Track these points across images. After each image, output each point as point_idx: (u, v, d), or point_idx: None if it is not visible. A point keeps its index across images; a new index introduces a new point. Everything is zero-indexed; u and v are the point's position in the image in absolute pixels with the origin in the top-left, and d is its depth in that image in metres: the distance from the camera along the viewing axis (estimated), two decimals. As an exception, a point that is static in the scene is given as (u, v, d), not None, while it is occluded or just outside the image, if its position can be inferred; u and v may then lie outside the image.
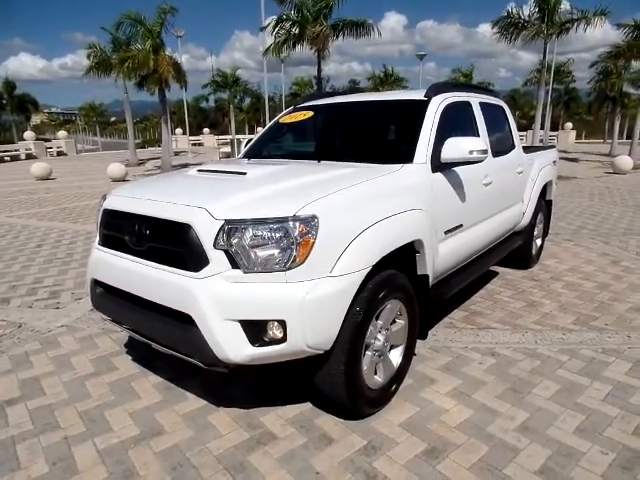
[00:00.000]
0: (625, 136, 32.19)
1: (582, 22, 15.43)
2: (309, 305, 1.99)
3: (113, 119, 66.00)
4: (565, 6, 15.91)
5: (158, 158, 19.38)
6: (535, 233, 4.97)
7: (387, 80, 36.75)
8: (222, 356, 2.05)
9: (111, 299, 2.59)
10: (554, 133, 30.65)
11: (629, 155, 15.59)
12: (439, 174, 2.94)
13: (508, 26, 16.23)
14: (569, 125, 33.37)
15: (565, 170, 13.83)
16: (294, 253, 2.01)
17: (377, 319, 2.39)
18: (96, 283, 2.68)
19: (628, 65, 19.94)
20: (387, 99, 3.69)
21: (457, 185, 3.09)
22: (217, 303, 2.02)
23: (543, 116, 18.92)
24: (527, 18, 16.18)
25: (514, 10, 16.20)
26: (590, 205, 8.81)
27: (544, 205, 5.18)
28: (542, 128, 19.17)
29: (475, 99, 3.73)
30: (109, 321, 2.76)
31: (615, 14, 15.73)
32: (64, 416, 2.54)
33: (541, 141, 19.11)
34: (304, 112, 3.79)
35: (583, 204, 8.93)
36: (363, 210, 2.28)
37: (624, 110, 27.57)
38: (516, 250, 4.51)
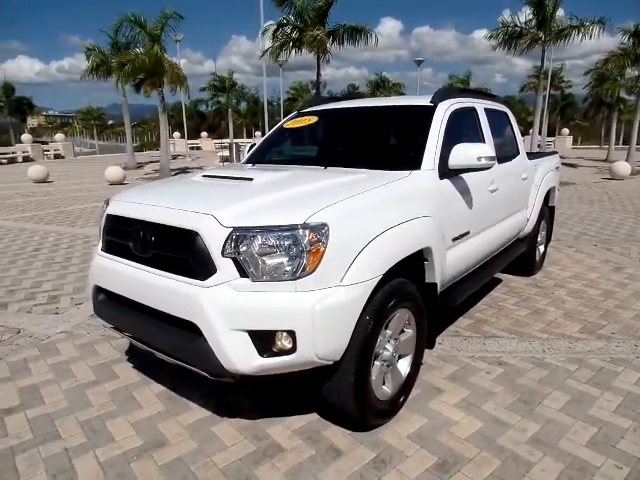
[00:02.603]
0: (621, 142, 32.41)
1: (580, 30, 15.51)
2: (319, 315, 1.94)
3: (111, 122, 65.90)
4: (560, 12, 16.02)
5: (156, 162, 19.30)
6: (539, 239, 4.95)
7: (384, 85, 37.00)
8: (229, 367, 2.00)
9: (114, 306, 2.54)
10: (551, 139, 30.80)
11: (626, 160, 15.66)
12: (446, 181, 2.90)
13: (505, 35, 16.32)
14: (566, 131, 33.57)
15: (564, 176, 13.79)
16: (304, 262, 1.96)
17: (386, 328, 2.34)
18: (98, 290, 2.63)
19: (623, 71, 20.07)
20: (392, 104, 3.66)
21: (464, 192, 3.05)
22: (224, 312, 1.97)
23: (540, 122, 18.99)
24: (524, 25, 16.26)
25: (510, 18, 16.30)
26: (590, 211, 8.81)
27: (547, 211, 5.16)
28: (539, 134, 19.24)
29: (480, 105, 3.71)
30: (110, 328, 2.71)
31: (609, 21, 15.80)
32: (64, 426, 2.48)
33: (539, 147, 19.18)
34: (308, 117, 3.75)
35: (583, 210, 8.93)
36: (373, 218, 2.24)
37: (620, 116, 27.74)
38: (520, 257, 4.48)
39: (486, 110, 3.75)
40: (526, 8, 15.95)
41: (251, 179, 2.57)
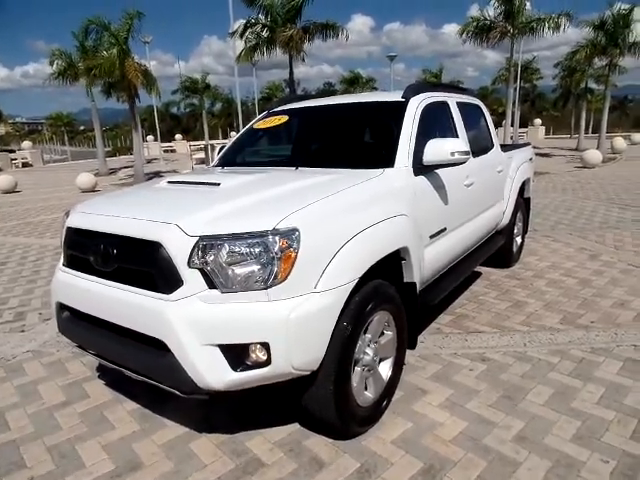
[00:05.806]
0: (591, 130, 33.16)
1: (548, 22, 15.74)
2: (293, 325, 1.86)
3: (82, 128, 64.25)
4: (527, 6, 16.23)
5: (130, 167, 18.88)
6: (515, 231, 4.96)
7: (358, 82, 37.03)
8: (201, 384, 1.89)
9: (79, 324, 2.40)
10: (523, 130, 31.27)
11: (597, 149, 15.99)
12: (421, 177, 2.85)
13: (475, 29, 16.46)
14: (538, 121, 34.13)
15: (538, 166, 14.01)
16: (275, 269, 1.87)
17: (365, 333, 2.27)
18: (62, 307, 2.49)
19: (591, 62, 20.50)
20: (364, 101, 3.59)
21: (440, 188, 3.00)
22: (193, 327, 1.86)
23: (512, 113, 19.22)
24: (493, 19, 16.43)
25: (480, 13, 16.46)
26: (564, 200, 8.94)
27: (523, 203, 5.18)
28: (512, 125, 19.49)
29: (452, 99, 3.66)
30: (77, 347, 2.57)
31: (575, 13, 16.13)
32: (31, 453, 2.33)
33: (511, 138, 19.44)
34: (279, 117, 3.65)
35: (557, 199, 9.05)
36: (346, 219, 2.16)
37: (589, 105, 28.36)
38: (498, 249, 4.47)
39: (458, 104, 3.71)
40: (494, 2, 16.12)
41: (218, 184, 2.46)
